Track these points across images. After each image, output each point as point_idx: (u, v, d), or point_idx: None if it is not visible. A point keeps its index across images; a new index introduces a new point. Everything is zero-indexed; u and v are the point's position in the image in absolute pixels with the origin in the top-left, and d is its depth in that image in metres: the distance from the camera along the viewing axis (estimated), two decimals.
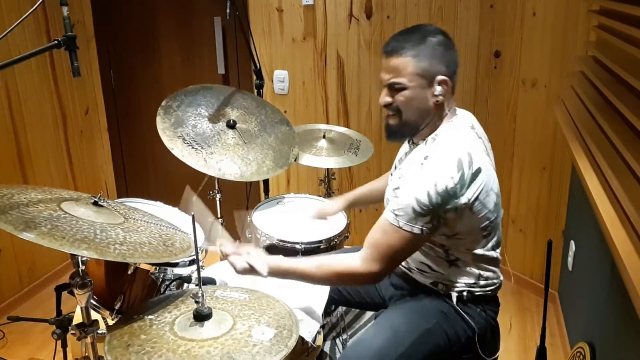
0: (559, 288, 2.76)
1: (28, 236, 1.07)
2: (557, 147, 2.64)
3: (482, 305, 1.50)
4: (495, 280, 1.52)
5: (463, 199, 1.32)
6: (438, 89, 1.37)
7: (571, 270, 2.47)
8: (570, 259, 2.47)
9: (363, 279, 1.42)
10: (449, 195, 1.30)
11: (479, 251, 1.44)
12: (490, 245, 1.46)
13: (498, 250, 1.50)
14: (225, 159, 1.97)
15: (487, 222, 1.41)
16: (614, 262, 1.36)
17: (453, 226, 1.37)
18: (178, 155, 1.90)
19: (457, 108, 1.49)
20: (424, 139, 1.44)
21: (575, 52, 2.46)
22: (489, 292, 1.51)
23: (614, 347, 1.71)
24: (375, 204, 1.95)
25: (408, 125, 1.44)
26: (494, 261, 1.50)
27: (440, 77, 1.37)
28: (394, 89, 1.40)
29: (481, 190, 1.34)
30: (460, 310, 1.47)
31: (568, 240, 2.56)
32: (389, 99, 1.42)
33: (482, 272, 1.47)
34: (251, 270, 1.43)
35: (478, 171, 1.33)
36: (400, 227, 1.34)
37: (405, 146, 1.60)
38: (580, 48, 2.44)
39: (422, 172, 1.34)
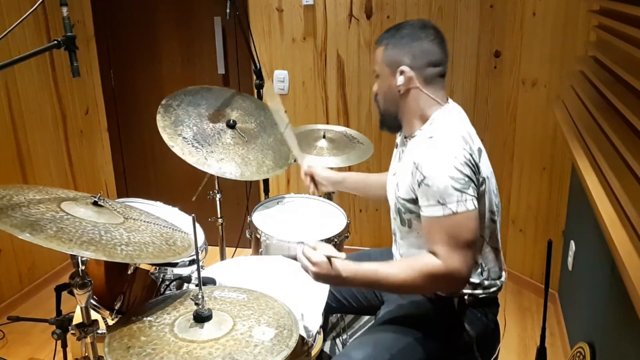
0: (559, 288, 2.76)
1: (35, 240, 1.07)
2: (557, 147, 2.64)
3: (483, 309, 1.49)
4: (498, 282, 1.51)
5: (482, 173, 1.34)
6: (399, 79, 1.41)
7: (571, 270, 2.47)
8: (570, 259, 2.47)
9: (451, 280, 1.32)
10: (471, 165, 1.31)
11: (486, 236, 1.44)
12: (495, 233, 1.47)
13: (499, 239, 1.50)
14: (225, 158, 1.97)
15: (494, 207, 1.42)
16: (614, 262, 1.36)
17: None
18: (178, 153, 1.90)
19: (451, 100, 1.49)
20: (420, 128, 1.44)
21: (575, 52, 2.46)
22: (492, 294, 1.50)
23: (614, 347, 1.71)
24: (362, 193, 1.86)
25: (386, 114, 1.51)
26: (497, 252, 1.49)
27: (401, 68, 1.40)
28: (376, 76, 1.48)
29: (485, 168, 1.36)
30: (459, 317, 1.46)
31: (568, 240, 2.56)
32: (374, 88, 1.51)
33: (484, 265, 1.46)
34: (328, 264, 1.32)
35: (480, 150, 1.36)
36: (454, 212, 1.28)
37: (398, 147, 1.60)
38: (580, 48, 2.44)
39: (437, 152, 1.32)
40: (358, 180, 1.86)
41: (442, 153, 1.31)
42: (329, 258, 1.33)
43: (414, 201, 1.39)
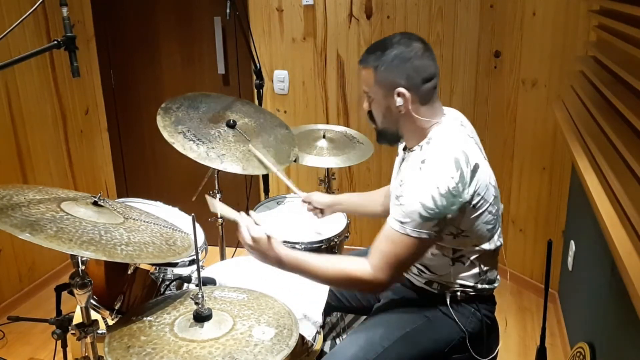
0: (559, 288, 2.76)
1: (35, 240, 1.07)
2: (557, 147, 2.64)
3: (477, 305, 1.50)
4: (494, 284, 1.52)
5: (466, 197, 1.33)
6: (398, 100, 1.41)
7: (571, 270, 2.47)
8: (570, 259, 2.47)
9: (371, 287, 1.41)
10: (453, 195, 1.31)
11: (485, 246, 1.45)
12: (495, 238, 1.47)
13: (500, 239, 1.51)
14: (226, 154, 1.97)
15: (489, 216, 1.42)
16: (614, 262, 1.36)
17: (457, 224, 1.38)
18: (180, 149, 1.90)
19: (445, 108, 1.50)
20: (419, 144, 1.45)
21: (575, 52, 2.46)
22: (485, 292, 1.51)
23: (614, 347, 1.71)
24: (362, 215, 1.94)
25: (386, 132, 1.51)
26: (496, 252, 1.50)
27: (398, 90, 1.40)
28: (368, 97, 1.48)
29: (481, 185, 1.36)
30: (451, 312, 1.47)
31: (568, 240, 2.56)
32: (365, 106, 1.51)
33: (483, 267, 1.47)
34: (266, 242, 1.36)
35: (476, 167, 1.35)
36: (408, 235, 1.33)
37: (400, 154, 1.61)
38: (580, 48, 2.44)
39: (422, 177, 1.34)
40: (353, 201, 1.93)
41: (426, 180, 1.33)
42: (268, 237, 1.37)
43: None
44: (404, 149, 1.54)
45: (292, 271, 1.42)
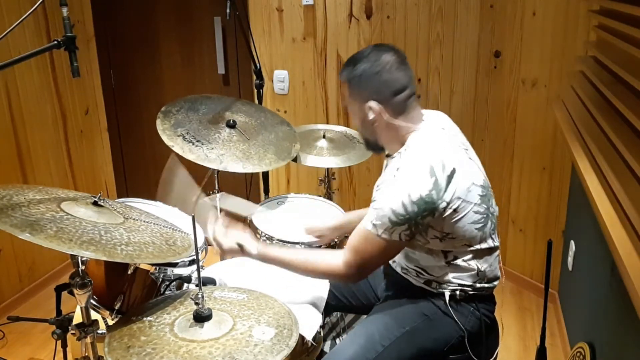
0: (559, 288, 2.76)
1: (35, 240, 1.07)
2: (557, 147, 2.64)
3: (476, 304, 1.50)
4: (495, 282, 1.52)
5: (442, 203, 1.34)
6: (369, 114, 1.45)
7: (571, 270, 2.47)
8: (570, 259, 2.47)
9: (343, 280, 1.50)
10: (426, 202, 1.32)
11: (478, 246, 1.44)
12: (487, 235, 1.46)
13: (495, 237, 1.50)
14: (226, 153, 1.97)
15: (477, 216, 1.41)
16: (614, 262, 1.36)
17: (440, 228, 1.39)
18: (179, 151, 1.90)
19: (425, 112, 1.50)
20: (398, 152, 1.46)
21: (575, 52, 2.46)
22: (484, 292, 1.51)
23: (614, 347, 1.72)
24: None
25: (368, 141, 1.57)
26: (492, 250, 1.49)
27: (368, 103, 1.43)
28: (348, 109, 1.55)
29: (460, 188, 1.36)
30: (450, 311, 1.47)
31: (568, 240, 2.56)
32: (352, 118, 1.57)
33: (481, 267, 1.47)
34: (239, 251, 1.48)
35: (453, 172, 1.35)
36: (379, 236, 1.37)
37: (385, 161, 1.62)
38: (580, 48, 2.44)
39: (395, 183, 1.37)
40: (353, 219, 1.85)
41: (398, 187, 1.36)
42: (240, 245, 1.47)
43: None
44: (387, 155, 1.57)
45: (272, 264, 1.51)
